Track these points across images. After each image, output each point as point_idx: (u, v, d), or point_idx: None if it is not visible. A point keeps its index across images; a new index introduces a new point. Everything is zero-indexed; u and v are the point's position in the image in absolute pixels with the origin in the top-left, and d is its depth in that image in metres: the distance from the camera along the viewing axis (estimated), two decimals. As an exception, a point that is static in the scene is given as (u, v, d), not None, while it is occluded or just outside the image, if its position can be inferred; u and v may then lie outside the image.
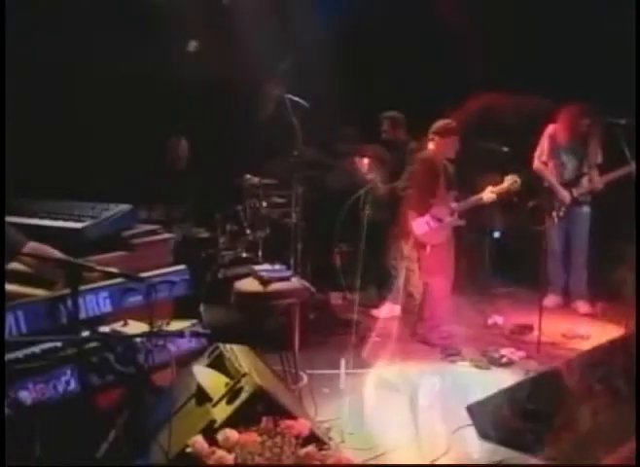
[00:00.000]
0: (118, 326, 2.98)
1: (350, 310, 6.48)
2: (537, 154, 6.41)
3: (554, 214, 6.14)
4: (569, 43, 6.51)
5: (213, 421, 2.79)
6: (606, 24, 6.27)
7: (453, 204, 5.66)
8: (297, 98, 5.37)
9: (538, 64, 6.84)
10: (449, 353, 5.25)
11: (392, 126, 6.45)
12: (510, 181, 5.48)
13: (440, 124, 5.65)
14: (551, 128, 6.37)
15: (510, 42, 6.88)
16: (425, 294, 5.74)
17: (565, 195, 6.24)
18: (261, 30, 6.85)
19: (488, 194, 5.56)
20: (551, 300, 6.44)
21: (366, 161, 6.41)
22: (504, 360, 5.04)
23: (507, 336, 5.70)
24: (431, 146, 5.71)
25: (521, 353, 5.16)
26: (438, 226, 5.62)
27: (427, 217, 5.63)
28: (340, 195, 7.21)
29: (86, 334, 2.80)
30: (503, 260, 7.61)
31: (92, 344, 2.75)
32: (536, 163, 6.40)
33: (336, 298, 6.66)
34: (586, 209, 6.33)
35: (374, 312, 6.39)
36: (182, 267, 3.30)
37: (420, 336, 5.64)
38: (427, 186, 5.64)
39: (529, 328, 5.66)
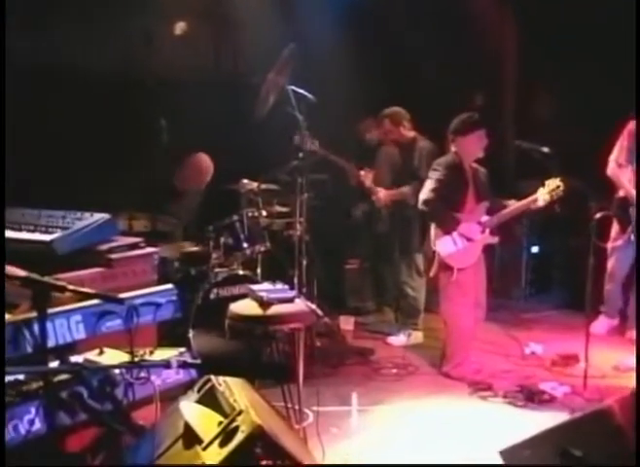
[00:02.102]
0: (92, 355, 2.97)
1: (363, 337, 6.48)
2: (614, 156, 6.16)
3: (630, 229, 5.94)
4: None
5: (203, 467, 2.76)
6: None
7: (484, 218, 5.45)
8: (301, 90, 5.37)
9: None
10: (479, 388, 5.20)
11: (394, 124, 6.35)
12: (551, 186, 5.22)
13: (459, 120, 5.47)
14: (631, 125, 6.08)
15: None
16: (448, 327, 5.57)
17: None
18: (261, 12, 6.88)
19: (545, 194, 5.23)
20: (601, 324, 6.36)
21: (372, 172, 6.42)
22: (544, 396, 5.00)
23: (547, 368, 5.65)
24: (453, 149, 5.51)
25: (565, 388, 5.11)
26: (467, 245, 5.41)
27: (454, 235, 5.39)
28: (351, 203, 7.25)
29: (54, 364, 2.78)
30: (542, 278, 7.60)
31: (62, 377, 2.74)
32: (612, 167, 6.15)
33: (346, 322, 6.63)
34: None
35: (391, 340, 6.36)
36: (168, 286, 3.29)
37: (445, 372, 5.53)
38: (453, 198, 5.42)
39: (574, 358, 5.61)
